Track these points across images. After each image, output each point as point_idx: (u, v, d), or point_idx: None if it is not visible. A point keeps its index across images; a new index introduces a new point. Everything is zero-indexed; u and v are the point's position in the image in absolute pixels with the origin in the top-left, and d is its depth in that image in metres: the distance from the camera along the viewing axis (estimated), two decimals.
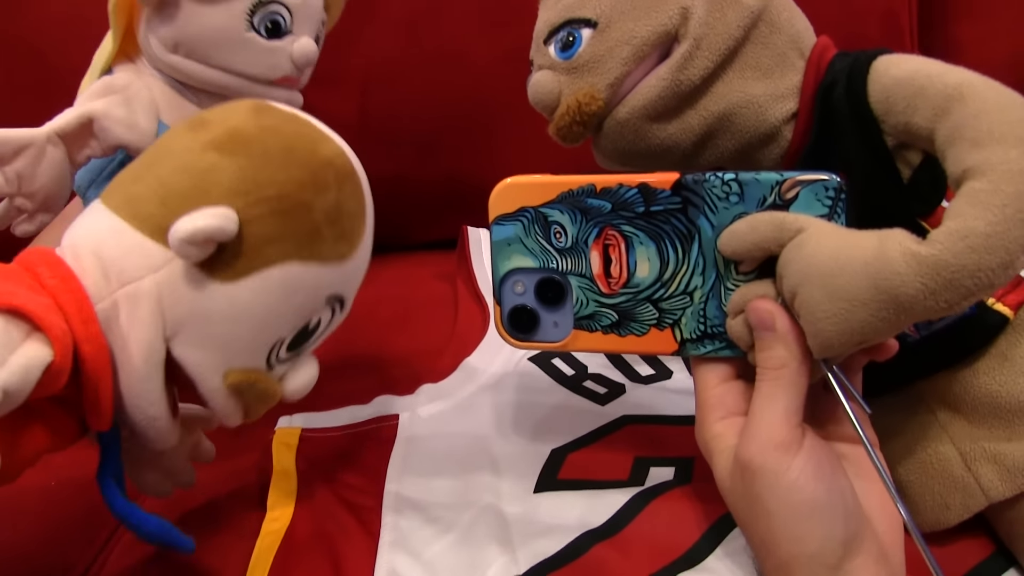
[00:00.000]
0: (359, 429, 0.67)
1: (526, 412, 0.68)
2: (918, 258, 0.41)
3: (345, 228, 0.49)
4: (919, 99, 0.46)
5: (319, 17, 0.67)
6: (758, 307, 0.47)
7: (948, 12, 1.04)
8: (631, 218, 0.49)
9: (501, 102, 0.97)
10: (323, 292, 0.49)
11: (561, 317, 0.52)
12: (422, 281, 0.96)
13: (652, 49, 0.53)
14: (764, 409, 0.45)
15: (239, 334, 0.47)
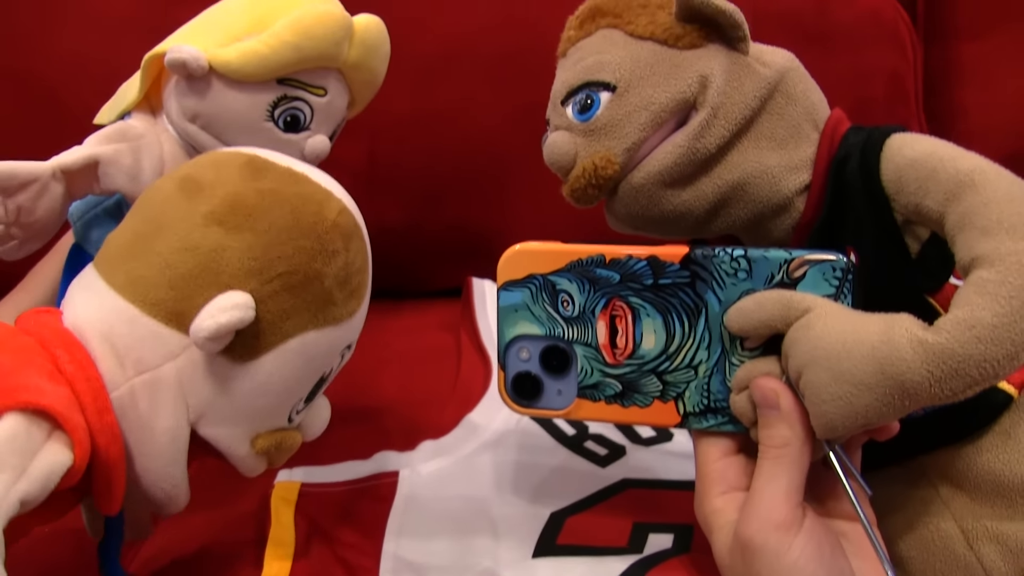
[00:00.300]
0: (359, 485, 0.67)
1: (526, 472, 0.68)
2: (924, 346, 0.41)
3: (354, 286, 0.50)
4: (931, 182, 0.47)
5: (339, 117, 0.67)
6: (763, 385, 0.47)
7: (953, 77, 1.05)
8: (639, 290, 0.50)
9: (507, 157, 0.98)
10: (338, 348, 0.51)
11: (565, 385, 0.52)
12: (426, 331, 0.96)
13: (670, 116, 0.54)
14: (765, 487, 0.46)
15: (264, 405, 0.48)
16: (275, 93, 0.62)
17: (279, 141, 0.63)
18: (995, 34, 1.03)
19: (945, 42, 1.05)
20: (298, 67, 0.62)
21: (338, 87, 0.65)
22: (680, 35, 0.55)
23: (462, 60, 0.96)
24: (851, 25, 0.97)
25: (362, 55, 0.65)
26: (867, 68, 0.98)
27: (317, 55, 0.62)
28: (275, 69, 0.61)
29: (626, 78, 0.55)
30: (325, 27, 0.61)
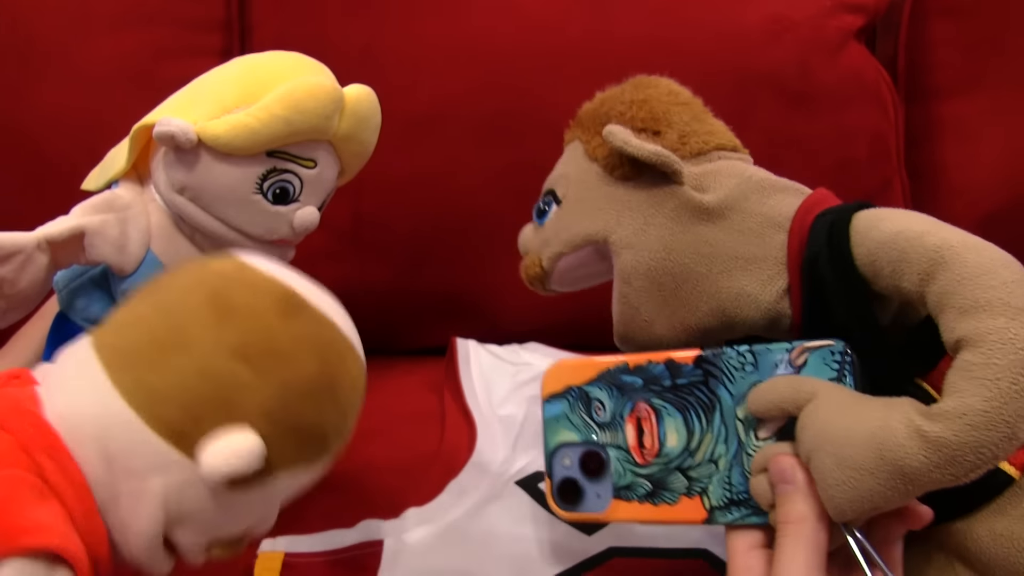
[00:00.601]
0: (343, 555, 0.67)
1: (513, 541, 0.68)
2: (920, 433, 0.42)
3: (347, 432, 0.49)
4: (903, 263, 0.48)
5: (329, 188, 0.68)
6: (779, 461, 0.48)
7: (933, 135, 1.07)
8: (660, 391, 0.54)
9: (492, 217, 0.98)
10: (316, 477, 0.50)
11: (602, 489, 0.55)
12: (410, 391, 0.96)
13: (583, 243, 0.60)
14: (786, 564, 0.46)
15: (234, 525, 0.48)
16: (264, 166, 0.62)
17: (267, 213, 0.63)
18: (973, 94, 1.05)
19: (926, 101, 1.07)
20: (288, 140, 0.62)
21: (328, 159, 0.65)
22: (616, 166, 0.59)
23: (448, 122, 0.97)
24: (834, 86, 0.98)
25: (353, 127, 0.65)
26: (850, 127, 0.99)
27: (308, 128, 0.62)
28: (265, 143, 0.61)
29: (569, 197, 0.61)
30: (316, 100, 0.62)
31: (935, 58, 1.07)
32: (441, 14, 0.97)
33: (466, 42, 0.97)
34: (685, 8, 0.96)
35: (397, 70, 0.97)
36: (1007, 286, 0.44)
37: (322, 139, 0.64)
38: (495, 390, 0.89)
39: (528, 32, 0.96)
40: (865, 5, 1.01)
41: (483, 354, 0.95)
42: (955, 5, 1.05)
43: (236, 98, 0.62)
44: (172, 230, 0.65)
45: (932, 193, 1.07)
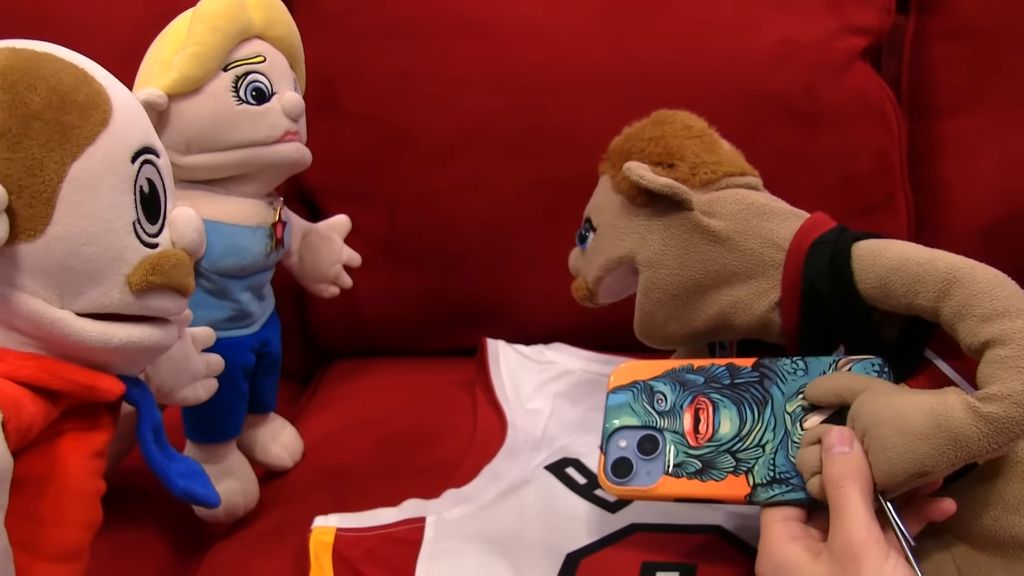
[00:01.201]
0: (390, 530, 0.72)
1: (543, 518, 0.73)
2: (975, 409, 0.50)
3: (82, 100, 0.46)
4: (918, 284, 0.57)
5: (289, 74, 0.75)
6: (837, 430, 0.55)
7: (936, 151, 1.10)
8: (719, 388, 0.62)
9: (517, 229, 1.04)
10: (120, 159, 0.48)
11: (653, 467, 0.62)
12: (443, 388, 1.01)
13: (616, 265, 0.70)
14: (852, 509, 0.51)
15: (93, 252, 0.46)
16: (228, 80, 0.70)
17: (259, 114, 0.71)
18: (974, 112, 1.08)
19: (928, 119, 1.10)
20: (228, 47, 0.70)
21: (270, 49, 0.74)
22: (636, 195, 0.69)
23: (477, 140, 1.02)
24: (840, 105, 1.02)
25: (266, 15, 0.73)
26: (854, 144, 1.03)
27: (236, 29, 0.70)
28: (214, 59, 0.69)
29: (601, 225, 0.72)
30: (226, 3, 0.70)
31: (937, 78, 1.10)
32: (472, 40, 1.02)
33: (495, 66, 1.02)
34: (699, 34, 1.00)
35: (430, 92, 1.02)
36: (1014, 296, 0.54)
37: (252, 35, 0.73)
38: (523, 386, 0.95)
39: (553, 57, 1.01)
40: (870, 27, 1.05)
41: (511, 353, 1.01)
42: (956, 27, 1.08)
43: (169, 50, 0.70)
44: (207, 196, 0.73)
45: (934, 206, 1.10)
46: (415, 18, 1.03)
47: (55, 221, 0.44)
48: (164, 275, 0.49)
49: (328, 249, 0.88)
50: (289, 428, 0.89)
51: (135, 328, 0.49)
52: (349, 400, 1.01)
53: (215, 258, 0.72)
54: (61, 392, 0.46)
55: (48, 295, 0.45)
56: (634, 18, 1.02)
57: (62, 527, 0.47)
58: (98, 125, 0.46)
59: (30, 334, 0.46)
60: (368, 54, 1.04)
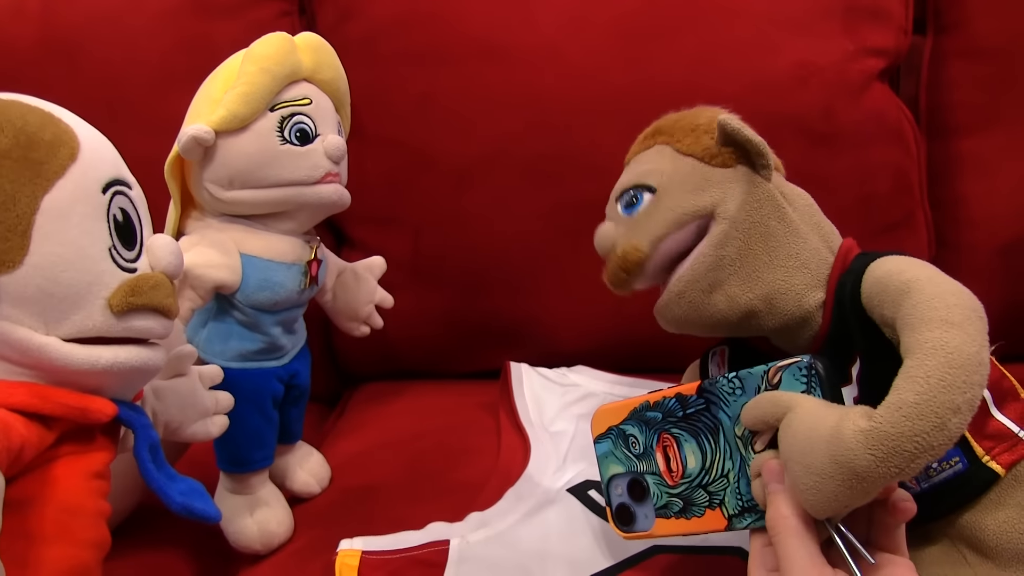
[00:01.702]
0: (414, 553, 0.73)
1: (565, 540, 0.74)
2: (864, 433, 0.48)
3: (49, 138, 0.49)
4: (884, 294, 0.56)
5: (334, 118, 0.77)
6: (768, 465, 0.54)
7: (955, 169, 1.11)
8: (675, 422, 0.61)
9: (540, 251, 1.05)
10: (91, 189, 0.50)
11: (647, 510, 0.63)
12: (466, 410, 1.02)
13: (691, 219, 0.65)
14: (792, 558, 0.51)
15: (71, 279, 0.48)
16: (274, 120, 0.72)
17: (302, 155, 0.73)
18: (991, 131, 1.08)
19: (947, 137, 1.11)
20: (275, 89, 0.71)
21: (316, 92, 0.75)
22: (715, 155, 0.66)
23: (499, 163, 1.04)
24: (857, 126, 1.03)
25: (315, 58, 0.76)
26: (872, 165, 1.04)
27: (285, 71, 0.72)
28: (261, 99, 0.71)
29: (665, 184, 0.66)
30: (275, 46, 0.73)
31: (955, 97, 1.10)
32: (493, 65, 1.03)
33: (516, 90, 1.03)
34: (718, 57, 1.01)
35: (453, 116, 1.04)
36: (949, 308, 0.51)
37: (300, 78, 0.75)
38: (546, 409, 0.96)
39: (573, 80, 1.02)
40: (887, 49, 1.05)
41: (534, 376, 1.02)
42: (973, 47, 1.09)
43: (220, 88, 0.72)
44: (247, 230, 0.74)
45: (953, 225, 1.11)
46: (438, 44, 1.05)
47: (32, 251, 0.47)
48: (144, 296, 0.51)
49: (362, 289, 0.90)
50: (316, 455, 0.90)
51: (120, 350, 0.50)
52: (375, 423, 1.02)
53: (249, 291, 0.73)
54: (54, 416, 0.48)
55: (32, 323, 0.47)
56: (653, 41, 1.03)
57: (60, 545, 0.48)
58: (66, 159, 0.49)
59: (19, 362, 0.48)
60: (392, 80, 1.05)
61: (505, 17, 1.04)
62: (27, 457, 0.46)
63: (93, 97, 1.06)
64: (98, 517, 0.51)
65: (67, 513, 0.49)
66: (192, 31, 1.08)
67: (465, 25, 1.05)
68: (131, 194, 0.53)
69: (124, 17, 1.08)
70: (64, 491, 0.49)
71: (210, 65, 1.08)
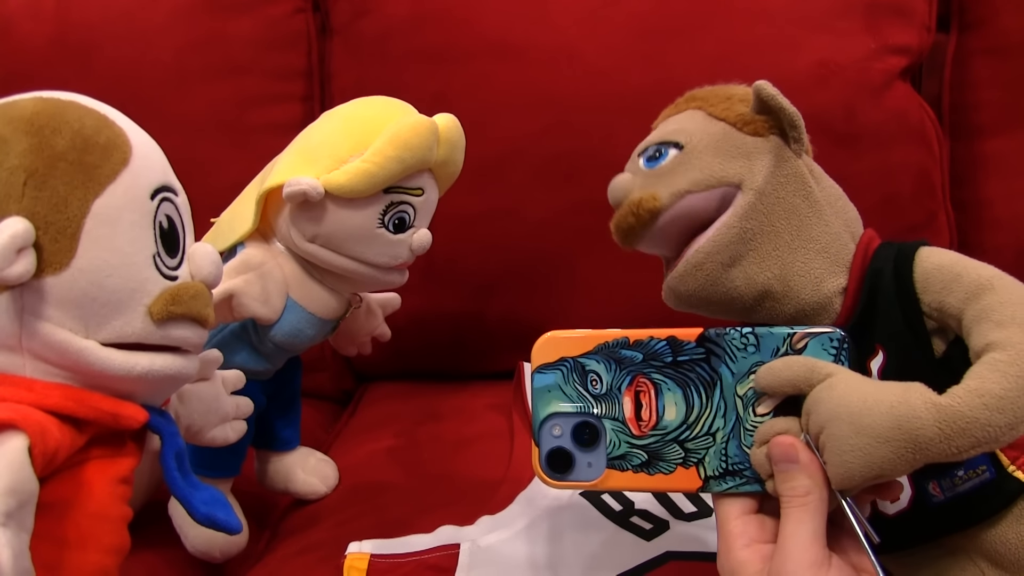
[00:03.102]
0: (424, 556, 0.72)
1: (577, 545, 0.73)
2: (938, 407, 0.47)
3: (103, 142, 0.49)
4: (955, 283, 0.54)
5: (432, 210, 0.76)
6: (781, 442, 0.52)
7: (978, 170, 1.10)
8: (660, 367, 0.55)
9: (556, 251, 1.05)
10: (140, 196, 0.49)
11: (595, 458, 0.56)
12: (479, 412, 1.02)
13: (717, 184, 0.61)
14: (795, 533, 0.50)
15: (115, 284, 0.48)
16: (383, 203, 0.71)
17: (390, 242, 0.72)
18: (1017, 129, 1.07)
19: (970, 137, 1.10)
20: (400, 176, 0.70)
21: (431, 183, 0.74)
22: (748, 122, 0.63)
23: (514, 164, 1.03)
24: (879, 126, 1.02)
25: (448, 152, 0.74)
26: (894, 165, 1.03)
27: (416, 163, 0.71)
28: (382, 183, 0.70)
29: (693, 142, 0.63)
30: (420, 137, 0.71)
31: (979, 96, 1.09)
32: (508, 64, 1.03)
33: (531, 89, 1.02)
34: (737, 56, 1.00)
35: (467, 115, 1.01)
36: None
37: (425, 169, 0.73)
38: None
39: (590, 79, 1.01)
40: (909, 47, 1.04)
41: None
42: (997, 46, 1.08)
43: (349, 148, 0.70)
44: (304, 276, 0.74)
45: (977, 226, 1.10)
46: (452, 43, 1.05)
47: (79, 255, 0.47)
48: (184, 305, 0.51)
49: (368, 322, 0.90)
50: (315, 455, 0.90)
51: (156, 357, 0.50)
52: (386, 423, 1.01)
53: (279, 333, 0.74)
54: (86, 420, 0.48)
55: (74, 325, 0.47)
56: (671, 40, 1.02)
57: (87, 551, 0.48)
58: (119, 164, 0.48)
59: (57, 363, 0.48)
60: (405, 78, 1.05)
61: (520, 15, 1.04)
62: (59, 460, 0.46)
63: (107, 95, 1.03)
64: (121, 522, 0.51)
65: (95, 518, 0.49)
66: (206, 28, 1.08)
67: (480, 23, 1.04)
68: (177, 201, 0.53)
69: (138, 15, 1.08)
70: (93, 496, 0.49)
71: (224, 62, 1.08)
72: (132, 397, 0.51)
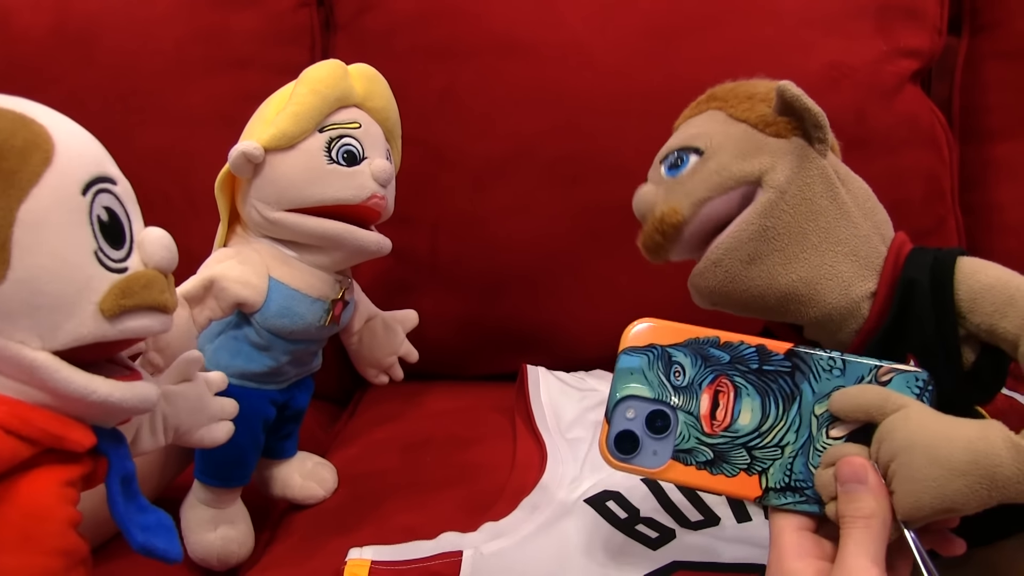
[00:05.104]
0: (425, 564, 0.71)
1: (582, 554, 0.72)
2: (1018, 447, 0.47)
3: (20, 144, 0.46)
4: (1010, 307, 0.53)
5: (383, 144, 0.78)
6: (853, 462, 0.51)
7: (988, 174, 1.09)
8: (744, 372, 0.56)
9: (561, 254, 1.04)
10: (69, 192, 0.48)
11: (662, 447, 0.56)
12: (481, 414, 1.01)
13: (736, 184, 0.60)
14: (856, 554, 0.49)
15: (56, 288, 0.46)
16: (322, 140, 0.73)
17: (348, 175, 0.74)
18: None
19: (981, 141, 1.09)
20: (325, 110, 0.73)
21: (365, 117, 0.77)
22: (770, 123, 0.61)
23: (520, 163, 1.02)
24: (890, 129, 1.01)
25: (368, 86, 0.78)
26: (904, 169, 1.02)
27: (334, 94, 0.74)
28: (310, 119, 0.72)
29: (713, 147, 0.62)
30: (326, 70, 0.76)
31: (990, 100, 1.09)
32: (515, 61, 1.02)
33: (539, 87, 1.01)
34: (747, 57, 0.99)
35: (473, 113, 1.02)
36: None
37: (351, 103, 0.76)
38: (563, 414, 0.93)
39: (598, 79, 1.00)
40: (920, 50, 1.03)
41: (551, 380, 1.00)
42: (1009, 49, 1.07)
43: (273, 110, 0.74)
44: (282, 256, 0.75)
45: (986, 231, 1.09)
46: (459, 39, 1.03)
47: (13, 265, 0.45)
48: (135, 296, 0.49)
49: (389, 339, 0.91)
50: (313, 459, 0.89)
51: (117, 387, 0.49)
52: (386, 425, 1.00)
53: (269, 315, 0.73)
54: (30, 439, 0.46)
55: (25, 336, 0.46)
56: (681, 40, 1.01)
57: (27, 554, 0.46)
58: (40, 165, 0.46)
59: (13, 376, 0.47)
60: (411, 75, 1.03)
61: (529, 12, 1.03)
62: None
63: (107, 87, 1.06)
64: (66, 524, 0.49)
65: (32, 519, 0.47)
66: (208, 21, 1.07)
67: (487, 19, 1.03)
68: (116, 190, 0.51)
69: (139, 6, 1.07)
70: (30, 497, 0.47)
71: (226, 55, 1.08)
72: (82, 419, 0.49)
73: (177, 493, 0.79)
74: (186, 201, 1.04)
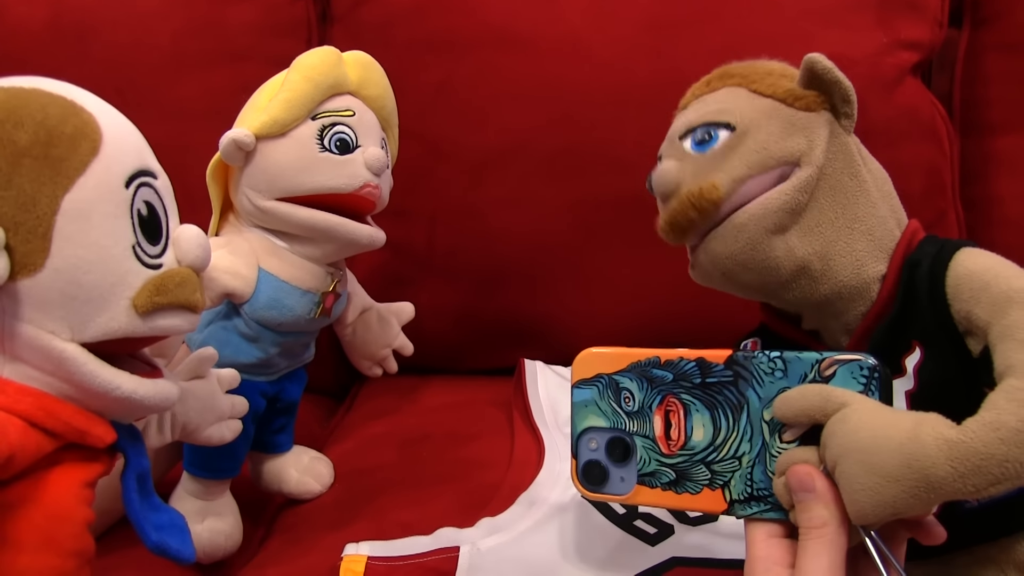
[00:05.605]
0: (422, 560, 0.71)
1: (580, 550, 0.71)
2: (949, 443, 0.44)
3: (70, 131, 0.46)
4: (983, 293, 0.52)
5: (378, 132, 0.77)
6: (798, 471, 0.50)
7: (989, 168, 1.08)
8: (689, 388, 0.55)
9: (558, 247, 1.03)
10: (114, 184, 0.47)
11: (627, 473, 0.57)
12: (478, 407, 1.00)
13: (776, 164, 0.58)
14: (810, 565, 0.48)
15: (92, 280, 0.46)
16: (315, 128, 0.72)
17: (341, 163, 0.73)
18: None
19: (981, 134, 1.08)
20: (317, 97, 0.72)
21: (360, 105, 0.76)
22: (799, 97, 0.60)
23: (517, 156, 1.02)
24: (890, 122, 1.00)
25: (362, 73, 0.77)
26: (904, 162, 1.00)
27: (328, 81, 0.73)
28: (302, 106, 0.72)
29: (745, 123, 0.60)
30: (320, 56, 0.75)
31: (991, 93, 1.08)
32: (513, 54, 1.01)
33: (536, 80, 1.01)
34: (747, 49, 0.95)
35: (471, 106, 1.02)
36: None
37: (345, 91, 0.76)
38: (560, 409, 0.93)
39: (595, 71, 1.00)
40: (921, 42, 1.03)
41: (549, 374, 0.99)
42: (1010, 42, 1.06)
43: (266, 98, 0.73)
44: (273, 247, 0.74)
45: (987, 224, 1.08)
46: (455, 32, 1.03)
47: (53, 254, 0.45)
48: (169, 295, 0.49)
49: (383, 332, 0.91)
50: (309, 453, 0.88)
51: (142, 384, 0.49)
52: (383, 419, 0.99)
53: (258, 306, 0.73)
54: (55, 432, 0.46)
55: (56, 326, 0.45)
56: (679, 32, 1.00)
57: (47, 555, 0.46)
58: (87, 155, 0.46)
59: (39, 367, 0.46)
60: (408, 67, 1.03)
61: (526, 4, 1.03)
62: (19, 464, 0.44)
63: (103, 80, 1.03)
64: (83, 526, 0.49)
65: (55, 520, 0.47)
66: (204, 13, 1.07)
67: (485, 12, 1.03)
68: (156, 184, 0.51)
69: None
70: (55, 498, 0.47)
71: (222, 48, 1.07)
72: (103, 413, 0.49)
73: (166, 488, 0.78)
74: (183, 194, 1.02)
